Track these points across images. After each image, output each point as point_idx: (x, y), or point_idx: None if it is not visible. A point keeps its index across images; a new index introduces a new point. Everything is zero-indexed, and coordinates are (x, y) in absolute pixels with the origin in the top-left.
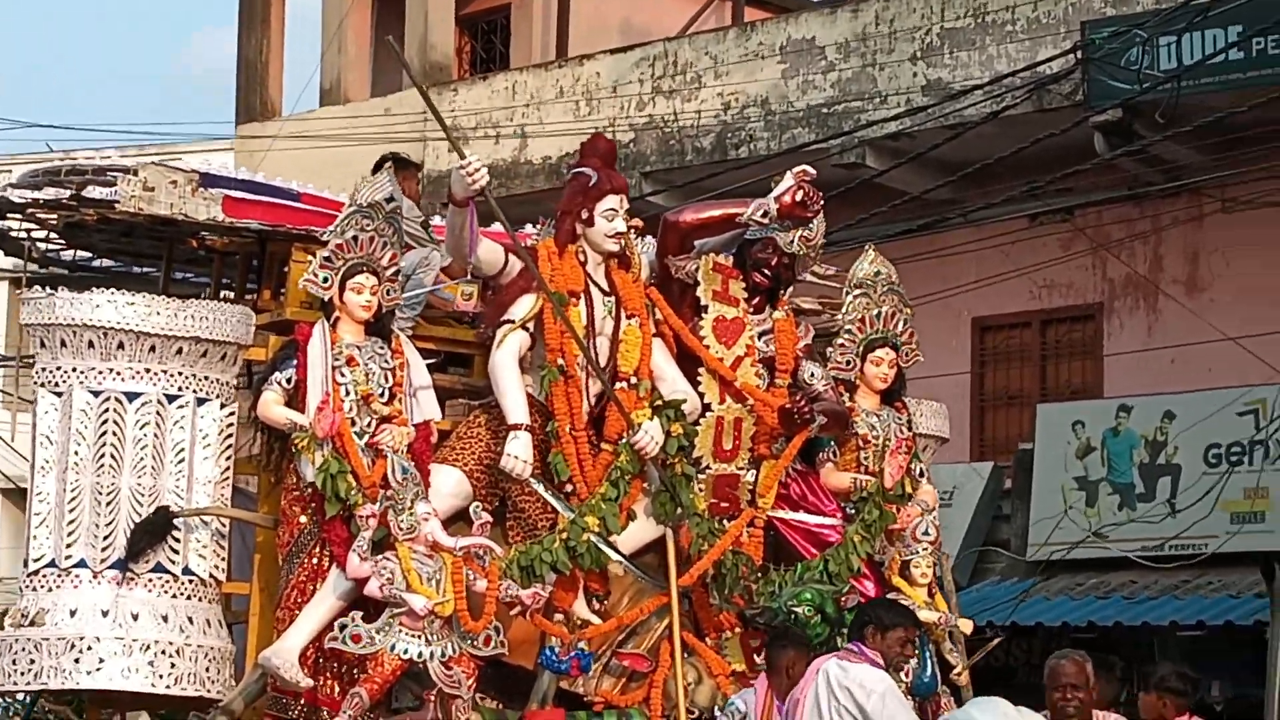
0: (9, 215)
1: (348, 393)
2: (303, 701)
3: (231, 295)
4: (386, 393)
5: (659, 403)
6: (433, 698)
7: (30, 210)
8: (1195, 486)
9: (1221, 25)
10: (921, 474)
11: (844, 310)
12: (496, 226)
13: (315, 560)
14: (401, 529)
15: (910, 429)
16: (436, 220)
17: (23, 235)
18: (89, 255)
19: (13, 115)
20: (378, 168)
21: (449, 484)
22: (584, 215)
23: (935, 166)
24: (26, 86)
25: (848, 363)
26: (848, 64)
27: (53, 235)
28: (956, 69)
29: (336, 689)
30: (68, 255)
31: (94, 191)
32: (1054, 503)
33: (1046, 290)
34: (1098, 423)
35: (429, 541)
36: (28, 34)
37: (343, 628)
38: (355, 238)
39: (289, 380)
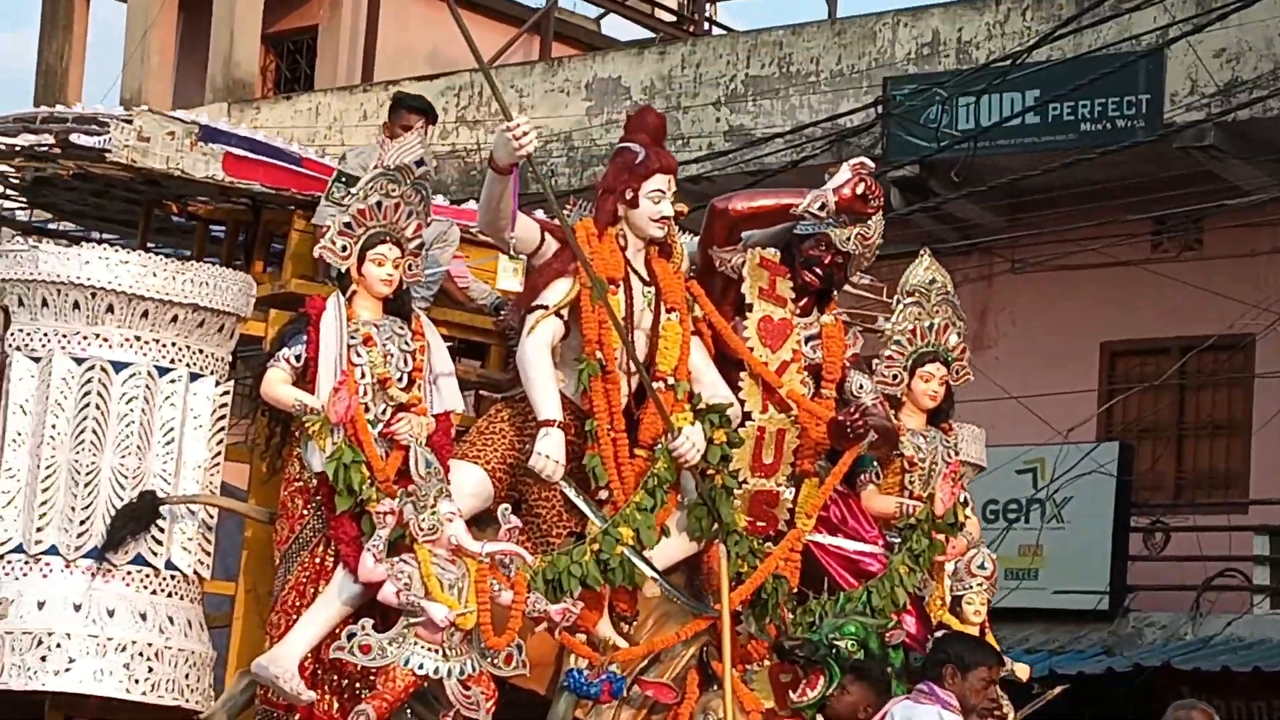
0: None
1: (363, 375)
2: (297, 717)
3: None
4: (405, 377)
5: (702, 406)
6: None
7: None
8: None
9: (1019, 89)
10: (966, 502)
11: (894, 320)
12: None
13: (318, 560)
14: (423, 529)
15: (957, 453)
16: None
17: None
18: (46, 219)
19: None
20: (393, 109)
21: (470, 483)
22: (628, 195)
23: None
24: None
25: (895, 377)
26: (652, 105)
27: (11, 192)
28: (759, 116)
29: (335, 705)
30: (23, 217)
31: (79, 141)
32: None
33: None
34: None
35: (452, 545)
36: None
37: (350, 636)
38: (379, 203)
39: (299, 358)
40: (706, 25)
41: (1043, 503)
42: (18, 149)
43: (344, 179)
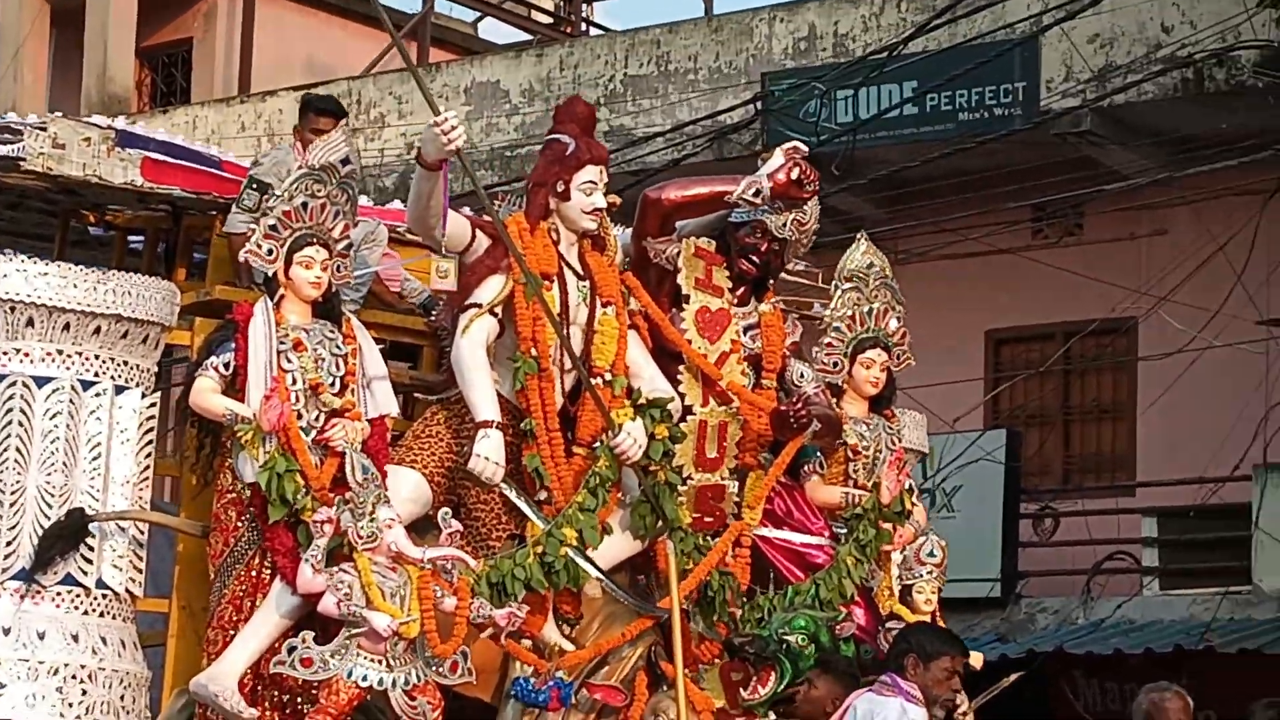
0: None
1: (294, 381)
2: None
3: None
4: (337, 382)
5: (642, 401)
6: None
7: None
8: None
9: (896, 81)
10: (911, 490)
11: (832, 305)
12: None
13: (254, 573)
14: (361, 536)
15: (900, 440)
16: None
17: None
18: None
19: None
20: (302, 113)
21: (407, 488)
22: (559, 188)
23: (618, 210)
24: None
25: (835, 364)
26: (531, 108)
27: None
28: (639, 116)
29: None
30: None
31: None
32: None
33: None
34: None
35: (392, 552)
36: None
37: (291, 650)
38: (305, 204)
39: (227, 366)
40: (583, 26)
41: (932, 492)
42: None
43: (255, 185)
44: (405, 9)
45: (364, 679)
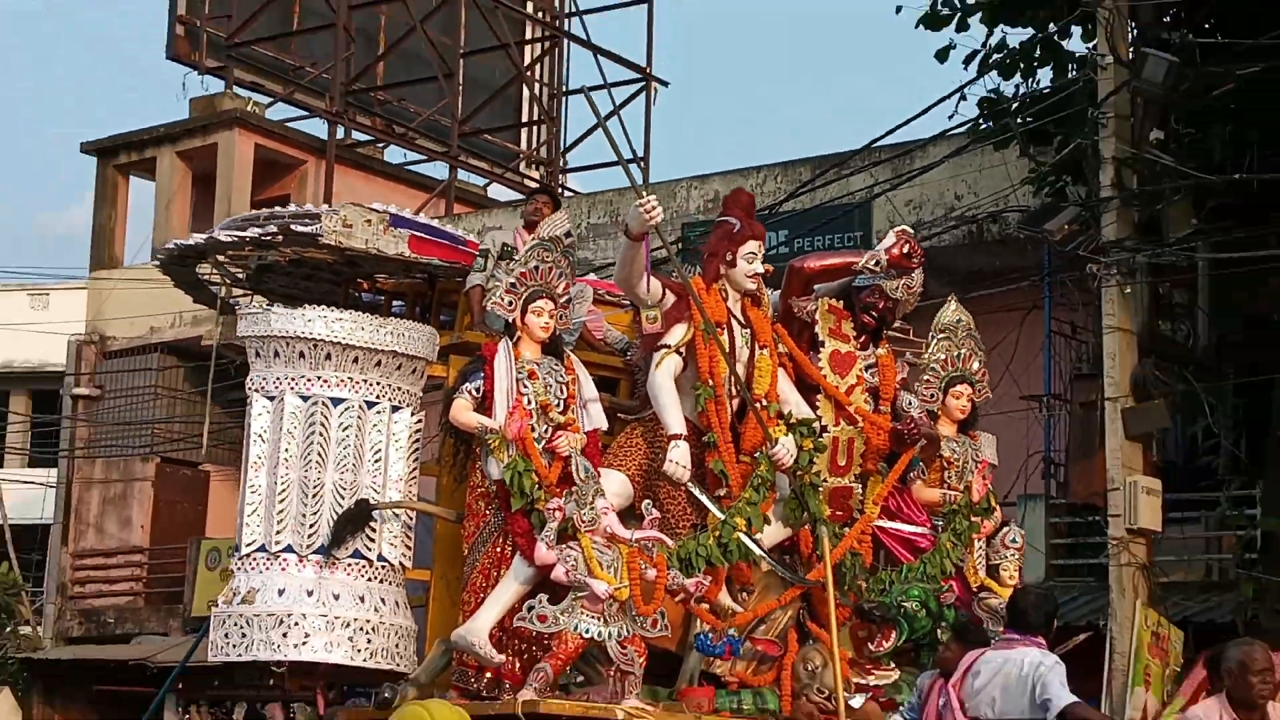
0: (208, 259)
1: (529, 402)
2: (486, 675)
3: None
4: (562, 404)
5: (793, 421)
6: (612, 674)
7: (229, 253)
8: None
9: (774, 230)
10: (992, 492)
11: (929, 351)
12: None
13: (499, 550)
14: (584, 521)
15: (981, 454)
16: None
17: (217, 280)
18: (264, 304)
19: None
20: (529, 196)
21: (615, 485)
22: (728, 257)
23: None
24: None
25: (932, 395)
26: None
27: (236, 280)
28: (597, 251)
29: (517, 665)
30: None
31: (297, 229)
32: None
33: None
34: None
35: (607, 533)
36: None
37: (530, 609)
38: (536, 267)
39: (478, 390)
40: (560, 189)
41: None
42: (247, 239)
43: (483, 253)
44: (436, 175)
45: (587, 631)
